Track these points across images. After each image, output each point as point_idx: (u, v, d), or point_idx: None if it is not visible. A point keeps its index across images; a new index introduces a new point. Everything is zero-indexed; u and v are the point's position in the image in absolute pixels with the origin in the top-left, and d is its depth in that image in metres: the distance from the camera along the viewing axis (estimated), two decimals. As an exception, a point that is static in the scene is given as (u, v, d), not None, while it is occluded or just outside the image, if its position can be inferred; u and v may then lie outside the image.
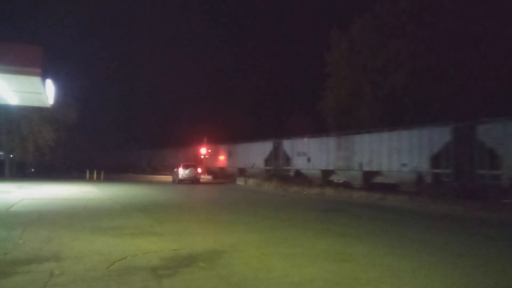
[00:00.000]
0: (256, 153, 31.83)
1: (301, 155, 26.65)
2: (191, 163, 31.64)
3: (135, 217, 10.82)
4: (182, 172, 28.45)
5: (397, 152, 20.01)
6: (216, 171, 38.30)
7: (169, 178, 33.54)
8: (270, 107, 45.60)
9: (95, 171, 32.54)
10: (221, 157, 37.12)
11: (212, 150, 37.79)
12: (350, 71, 29.02)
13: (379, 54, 26.97)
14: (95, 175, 32.30)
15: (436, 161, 18.32)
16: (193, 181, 28.74)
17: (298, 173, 26.87)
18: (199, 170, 29.77)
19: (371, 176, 21.74)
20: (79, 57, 37.14)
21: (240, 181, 29.91)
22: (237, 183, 29.78)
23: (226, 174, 36.04)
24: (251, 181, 28.16)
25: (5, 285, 4.80)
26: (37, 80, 10.17)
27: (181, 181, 28.46)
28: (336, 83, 30.10)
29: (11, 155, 33.42)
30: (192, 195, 19.70)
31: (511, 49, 22.22)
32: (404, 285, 5.26)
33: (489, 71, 22.66)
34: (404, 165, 19.57)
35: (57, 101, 15.51)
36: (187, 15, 69.00)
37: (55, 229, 8.47)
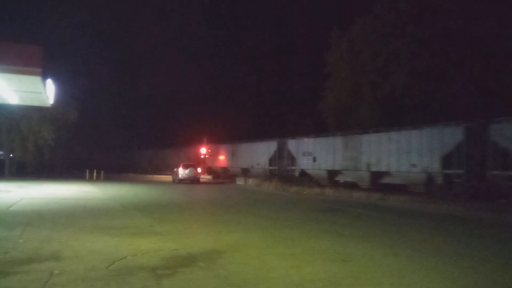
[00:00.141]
0: (260, 153, 31.36)
1: (306, 155, 26.22)
2: (191, 163, 31.66)
3: (134, 217, 10.82)
4: (182, 172, 28.48)
5: (406, 152, 19.48)
6: (218, 171, 38.06)
7: (169, 178, 33.55)
8: (270, 107, 45.60)
9: (95, 170, 32.56)
10: (223, 157, 36.87)
11: (214, 149, 37.61)
12: (350, 71, 29.04)
13: (379, 54, 26.98)
14: (95, 174, 32.31)
15: (447, 161, 17.78)
16: (193, 181, 28.76)
17: (303, 173, 26.50)
18: (199, 170, 29.79)
19: (379, 176, 21.32)
20: (79, 57, 37.16)
21: (240, 181, 29.91)
22: (237, 183, 29.79)
23: (229, 174, 35.65)
24: (250, 181, 28.16)
25: (4, 285, 4.80)
26: (37, 79, 10.17)
27: (181, 181, 28.48)
28: (336, 83, 30.13)
29: (11, 155, 33.43)
30: (191, 195, 19.70)
31: (511, 49, 22.21)
32: (403, 285, 5.26)
33: (489, 71, 22.66)
34: (413, 165, 19.09)
35: (57, 100, 15.50)
36: (187, 15, 69.02)
37: (55, 229, 8.47)
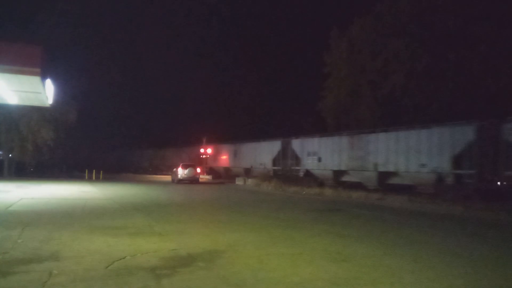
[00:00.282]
0: (263, 153, 31.06)
1: (311, 155, 25.88)
2: (190, 163, 31.64)
3: (134, 217, 10.81)
4: (181, 172, 28.46)
5: (415, 152, 19.08)
6: (220, 171, 37.91)
7: (169, 178, 33.55)
8: (270, 107, 45.61)
9: (94, 170, 32.55)
10: (226, 157, 36.69)
11: (216, 149, 37.51)
12: (349, 71, 29.07)
13: (379, 54, 27.00)
14: (94, 175, 32.30)
15: (458, 161, 17.39)
16: (192, 181, 28.75)
17: (308, 173, 26.23)
18: (198, 170, 29.78)
19: (386, 177, 20.95)
20: (79, 57, 37.04)
21: (239, 181, 29.88)
22: (237, 183, 29.77)
23: (231, 174, 35.41)
24: (250, 181, 28.14)
25: (4, 285, 4.79)
26: (36, 79, 10.18)
27: (180, 181, 28.47)
28: (335, 83, 30.16)
29: (10, 155, 33.41)
30: (191, 195, 19.69)
31: (511, 49, 22.23)
32: (403, 285, 5.26)
33: (489, 72, 22.68)
34: (423, 165, 18.70)
35: (57, 100, 15.49)
36: (187, 15, 69.01)
37: (54, 229, 8.46)
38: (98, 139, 57.00)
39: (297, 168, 27.48)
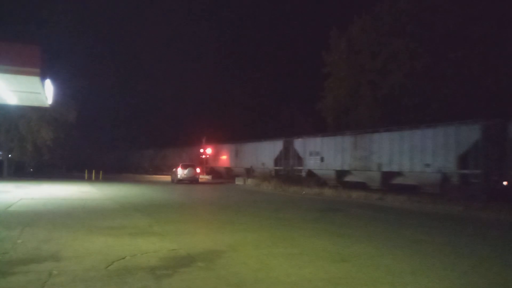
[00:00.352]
0: (265, 153, 30.92)
1: (313, 154, 25.69)
2: (190, 163, 31.62)
3: (133, 217, 10.81)
4: (181, 172, 28.44)
5: (420, 151, 18.88)
6: (221, 171, 37.81)
7: (169, 178, 33.53)
8: (269, 107, 45.60)
9: (94, 171, 32.53)
10: (227, 157, 36.57)
11: (217, 149, 37.46)
12: (349, 71, 29.08)
13: (378, 54, 27.02)
14: (94, 175, 32.28)
15: (463, 161, 17.18)
16: (192, 181, 28.74)
17: (310, 173, 26.05)
18: (198, 170, 29.76)
19: (390, 177, 20.75)
20: (78, 57, 37.06)
21: (239, 181, 29.87)
22: (236, 183, 29.76)
23: (232, 174, 35.29)
24: (250, 181, 28.13)
25: (3, 285, 4.79)
26: (36, 80, 10.16)
27: (180, 181, 28.45)
28: (335, 83, 30.17)
29: (9, 155, 33.39)
30: (190, 195, 19.68)
31: (511, 49, 22.23)
32: (403, 285, 5.25)
33: (488, 71, 22.69)
34: (427, 165, 18.46)
35: (56, 101, 15.49)
36: (187, 15, 69.04)
37: (54, 229, 8.46)
38: (98, 139, 57.07)
39: (299, 168, 27.35)
